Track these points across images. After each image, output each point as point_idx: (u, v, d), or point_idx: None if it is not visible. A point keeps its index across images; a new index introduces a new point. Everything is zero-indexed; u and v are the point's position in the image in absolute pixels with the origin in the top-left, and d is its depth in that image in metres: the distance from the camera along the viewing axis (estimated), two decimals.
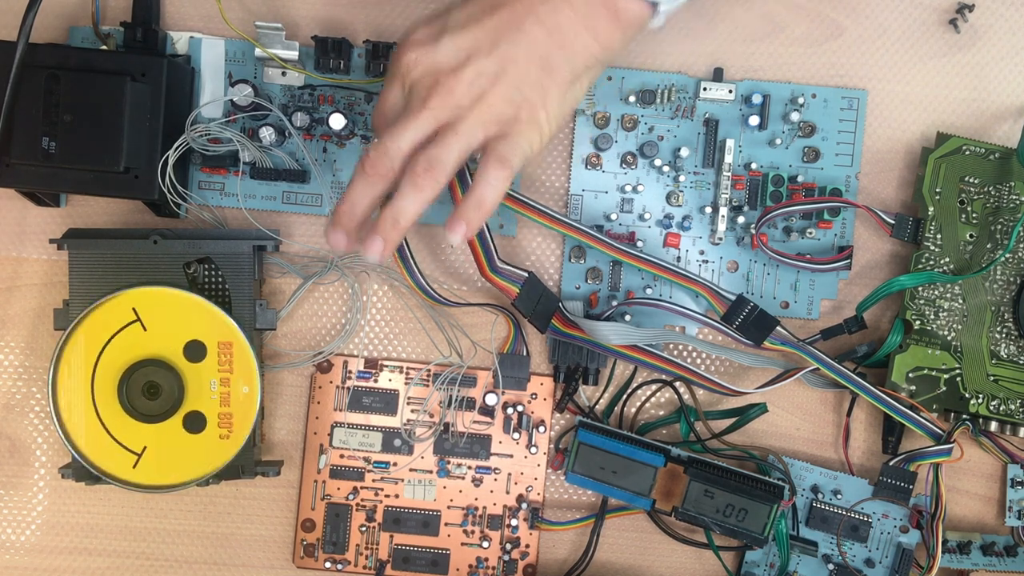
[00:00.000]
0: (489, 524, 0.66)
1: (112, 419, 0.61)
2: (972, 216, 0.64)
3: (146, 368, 0.61)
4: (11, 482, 0.67)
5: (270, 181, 0.65)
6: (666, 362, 0.65)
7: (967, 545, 0.65)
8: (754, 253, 0.66)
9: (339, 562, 0.66)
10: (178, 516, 0.67)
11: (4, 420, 0.67)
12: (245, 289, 0.63)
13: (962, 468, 0.67)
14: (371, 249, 0.54)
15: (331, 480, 0.66)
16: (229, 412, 0.62)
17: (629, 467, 0.63)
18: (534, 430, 0.66)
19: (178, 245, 0.62)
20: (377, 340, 0.67)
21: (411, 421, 0.66)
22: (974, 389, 0.64)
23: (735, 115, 0.66)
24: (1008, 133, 0.67)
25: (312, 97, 0.66)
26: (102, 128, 0.60)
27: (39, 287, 0.67)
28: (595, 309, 0.66)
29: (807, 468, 0.65)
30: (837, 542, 0.65)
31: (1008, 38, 0.67)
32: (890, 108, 0.67)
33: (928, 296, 0.64)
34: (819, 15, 0.67)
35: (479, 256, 0.61)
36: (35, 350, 0.67)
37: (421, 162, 0.53)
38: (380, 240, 0.54)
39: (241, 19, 0.66)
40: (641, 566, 0.68)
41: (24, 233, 0.67)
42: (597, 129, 0.66)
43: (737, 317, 0.64)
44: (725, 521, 0.62)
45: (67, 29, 0.65)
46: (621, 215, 0.66)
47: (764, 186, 0.66)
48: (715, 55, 0.67)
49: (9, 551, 0.67)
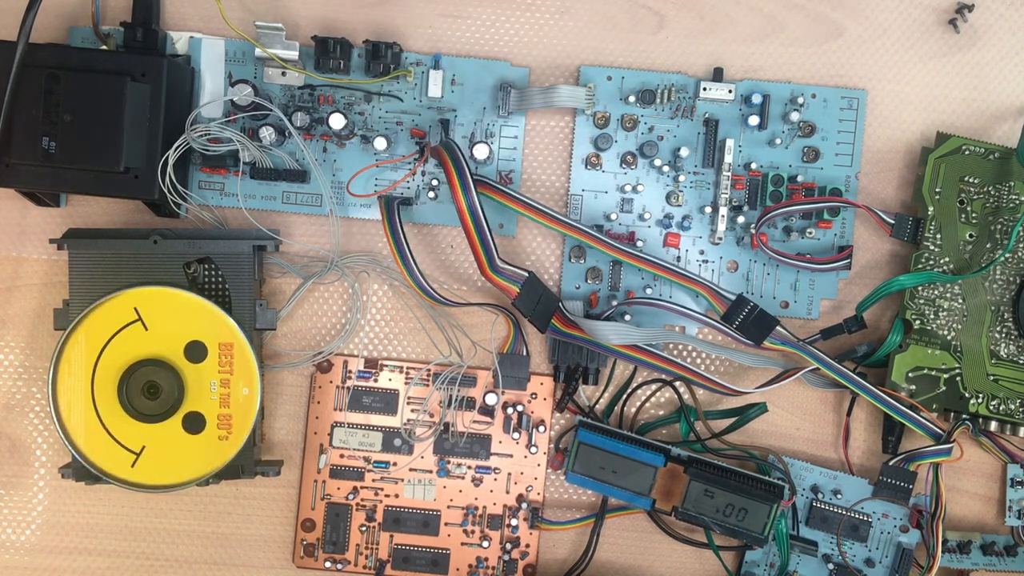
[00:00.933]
0: (489, 524, 0.66)
1: (112, 419, 0.62)
2: (972, 216, 0.64)
3: (146, 368, 0.61)
4: (11, 482, 0.67)
5: (270, 181, 0.65)
6: (666, 362, 0.65)
7: (967, 545, 0.65)
8: (754, 253, 0.66)
9: (339, 562, 0.66)
10: (178, 516, 0.67)
11: (4, 420, 0.67)
12: (245, 289, 0.63)
13: (962, 468, 0.67)
14: None
15: (331, 480, 0.66)
16: (229, 413, 0.62)
17: (629, 467, 0.63)
18: (534, 430, 0.66)
19: (178, 245, 0.62)
20: (377, 340, 0.67)
21: (411, 421, 0.66)
22: (974, 389, 0.64)
23: (735, 115, 0.66)
24: (1008, 133, 0.67)
25: (312, 97, 0.66)
26: (102, 128, 0.60)
27: (39, 287, 0.67)
28: (595, 309, 0.66)
29: (807, 468, 0.65)
30: (837, 542, 0.65)
31: (1008, 38, 0.67)
32: (890, 108, 0.67)
33: (928, 296, 0.64)
34: (819, 15, 0.67)
35: (479, 256, 0.61)
36: (35, 350, 0.67)
37: None
38: None
39: (241, 19, 0.66)
40: (641, 566, 0.68)
41: (24, 233, 0.67)
42: (597, 129, 0.66)
43: (737, 317, 0.64)
44: (725, 521, 0.62)
45: (67, 29, 0.65)
46: (621, 215, 0.66)
47: (764, 186, 0.66)
48: (715, 55, 0.67)
49: (9, 551, 0.67)
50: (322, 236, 0.67)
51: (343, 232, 0.67)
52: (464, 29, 0.67)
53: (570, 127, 0.67)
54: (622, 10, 0.67)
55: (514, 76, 0.66)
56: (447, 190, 0.66)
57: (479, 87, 0.66)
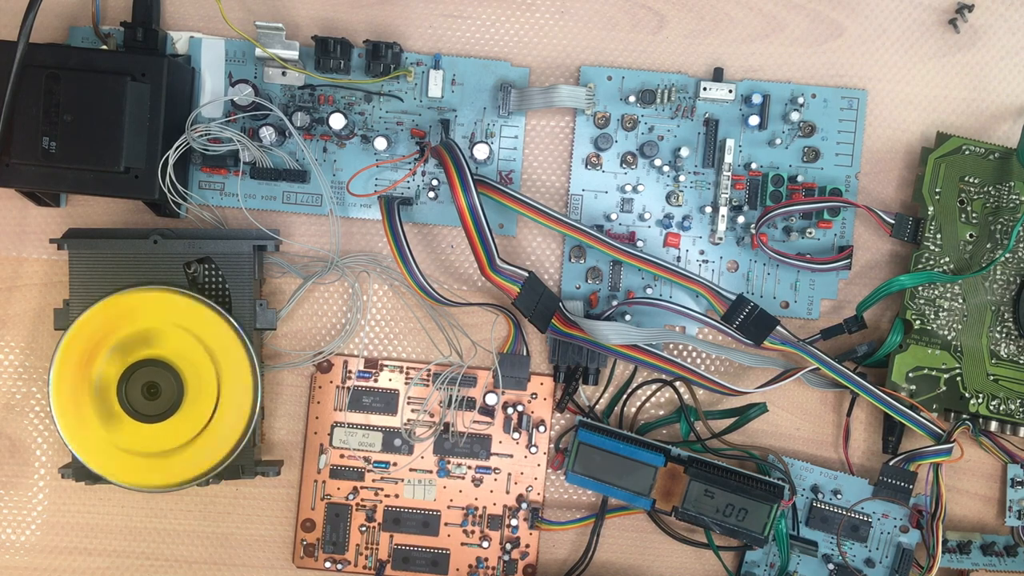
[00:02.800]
0: (489, 524, 0.66)
1: (112, 419, 0.61)
2: (972, 216, 0.64)
3: (146, 368, 0.61)
4: (11, 482, 0.67)
5: (270, 181, 0.65)
6: (666, 362, 0.65)
7: (967, 545, 0.65)
8: (754, 253, 0.66)
9: (339, 562, 0.66)
10: (178, 516, 0.67)
11: (4, 420, 0.67)
12: (245, 289, 0.63)
13: (962, 468, 0.67)
14: None
15: (331, 480, 0.66)
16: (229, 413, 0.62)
17: (629, 467, 0.63)
18: (534, 430, 0.66)
19: (178, 245, 0.62)
20: (377, 340, 0.67)
21: (411, 421, 0.66)
22: (974, 389, 0.64)
23: (735, 115, 0.66)
24: (1008, 133, 0.67)
25: (312, 97, 0.66)
26: (102, 128, 0.60)
27: (39, 287, 0.67)
28: (595, 309, 0.66)
29: (807, 468, 0.65)
30: (837, 542, 0.65)
31: (1008, 38, 0.67)
32: (890, 108, 0.67)
33: (928, 296, 0.64)
34: (819, 15, 0.67)
35: (479, 255, 0.61)
36: (35, 350, 0.67)
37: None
38: None
39: (241, 19, 0.66)
40: (641, 566, 0.68)
41: (24, 233, 0.67)
42: (597, 129, 0.66)
43: (737, 317, 0.64)
44: (725, 521, 0.62)
45: (67, 29, 0.65)
46: (621, 215, 0.66)
47: (764, 186, 0.66)
48: (715, 55, 0.67)
49: (9, 551, 0.67)
50: (322, 236, 0.67)
51: (343, 232, 0.67)
52: (464, 29, 0.67)
53: (570, 127, 0.67)
54: (622, 10, 0.67)
55: (514, 76, 0.66)
56: (447, 190, 0.66)
57: (479, 87, 0.66)
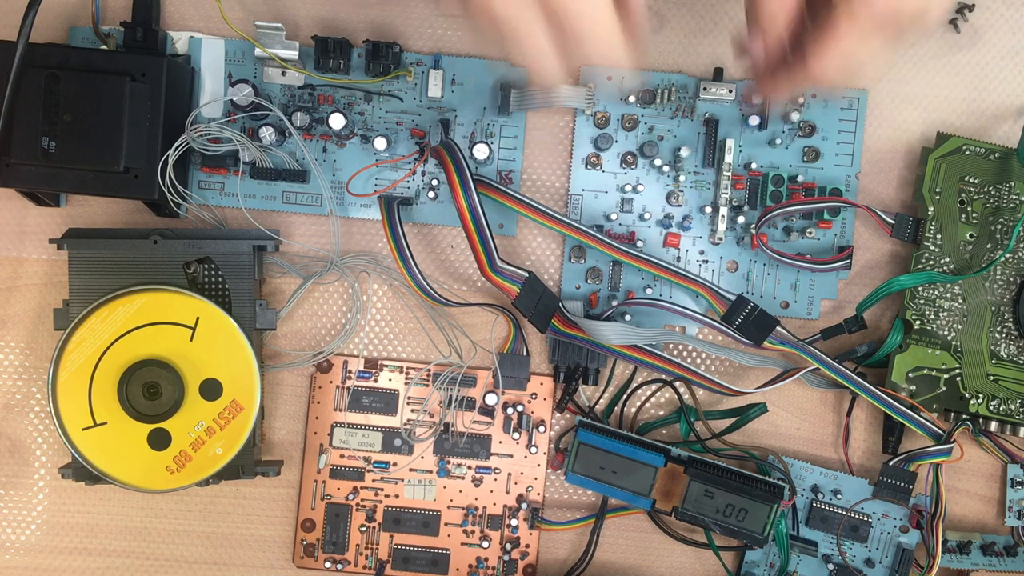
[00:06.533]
0: (489, 524, 0.66)
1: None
2: (972, 216, 0.64)
3: (146, 368, 0.61)
4: (11, 482, 0.67)
5: (270, 181, 0.65)
6: (666, 362, 0.65)
7: (967, 545, 0.65)
8: (754, 253, 0.66)
9: (339, 562, 0.66)
10: (178, 516, 0.67)
11: (4, 420, 0.67)
12: (245, 289, 0.63)
13: (962, 468, 0.67)
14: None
15: (331, 480, 0.66)
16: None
17: (629, 467, 0.63)
18: (534, 430, 0.66)
19: (178, 245, 0.62)
20: (377, 340, 0.67)
21: (411, 421, 0.66)
22: (974, 389, 0.64)
23: (735, 115, 0.66)
24: (1008, 133, 0.67)
25: (312, 97, 0.66)
26: (102, 128, 0.60)
27: (39, 287, 0.67)
28: (595, 309, 0.66)
29: (807, 468, 0.65)
30: (837, 542, 0.65)
31: (1008, 38, 0.67)
32: (890, 108, 0.67)
33: (928, 296, 0.64)
34: None
35: (479, 256, 0.61)
36: (35, 350, 0.67)
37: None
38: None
39: (241, 19, 0.66)
40: (641, 566, 0.68)
41: (24, 233, 0.67)
42: (597, 129, 0.66)
43: (737, 317, 0.64)
44: (725, 521, 0.62)
45: (67, 29, 0.65)
46: (621, 215, 0.66)
47: (764, 186, 0.66)
48: (715, 55, 0.67)
49: (9, 551, 0.67)
50: (322, 236, 0.67)
51: (343, 232, 0.67)
52: (464, 29, 0.66)
53: (570, 127, 0.67)
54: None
55: (514, 76, 0.66)
56: (447, 190, 0.66)
57: (479, 87, 0.66)
